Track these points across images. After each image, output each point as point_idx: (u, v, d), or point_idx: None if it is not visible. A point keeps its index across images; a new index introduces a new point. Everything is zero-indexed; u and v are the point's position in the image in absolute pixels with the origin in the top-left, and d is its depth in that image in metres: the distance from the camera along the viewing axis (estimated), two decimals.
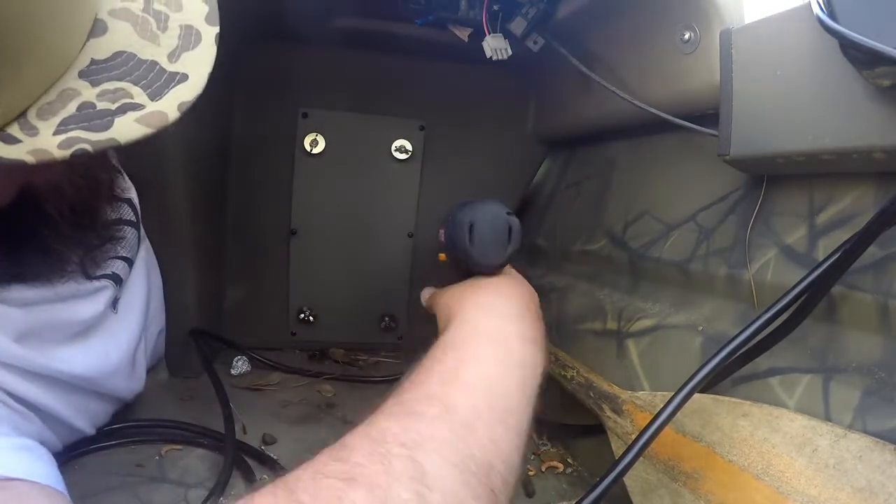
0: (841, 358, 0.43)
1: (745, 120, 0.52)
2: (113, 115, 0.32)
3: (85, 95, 0.32)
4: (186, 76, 0.35)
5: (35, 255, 0.47)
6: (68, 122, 0.31)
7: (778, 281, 0.49)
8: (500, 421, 0.37)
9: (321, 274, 1.04)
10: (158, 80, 0.34)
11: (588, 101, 0.85)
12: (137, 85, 0.33)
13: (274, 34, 0.91)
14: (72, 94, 0.32)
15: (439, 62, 0.99)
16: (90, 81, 0.32)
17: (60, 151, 0.30)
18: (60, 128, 0.31)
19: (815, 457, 0.39)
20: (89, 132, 0.31)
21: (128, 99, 0.33)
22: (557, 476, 0.69)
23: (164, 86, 0.34)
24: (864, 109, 0.40)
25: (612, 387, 0.63)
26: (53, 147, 0.30)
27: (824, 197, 0.49)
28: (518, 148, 1.08)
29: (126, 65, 0.34)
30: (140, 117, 0.33)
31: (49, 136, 0.31)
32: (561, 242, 0.92)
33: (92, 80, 0.32)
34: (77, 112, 0.32)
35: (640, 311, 0.67)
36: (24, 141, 0.30)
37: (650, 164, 0.78)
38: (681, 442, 0.50)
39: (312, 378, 0.94)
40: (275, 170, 1.00)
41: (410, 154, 1.03)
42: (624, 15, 0.70)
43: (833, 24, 0.38)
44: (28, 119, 0.31)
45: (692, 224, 0.64)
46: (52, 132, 0.31)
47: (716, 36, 0.55)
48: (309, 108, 0.98)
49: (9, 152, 0.30)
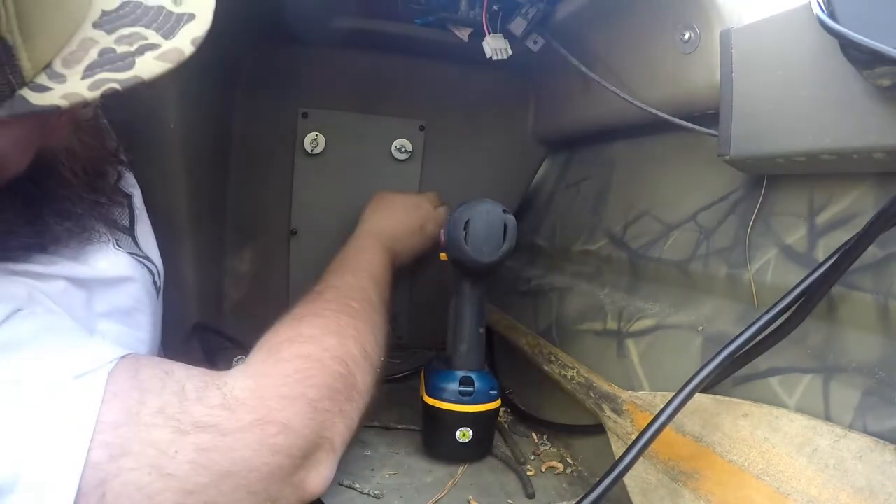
0: (841, 358, 0.43)
1: (745, 120, 0.52)
2: (133, 55, 0.35)
3: (103, 42, 0.35)
4: (193, 15, 0.38)
5: (56, 220, 0.49)
6: (93, 67, 0.34)
7: (778, 281, 0.49)
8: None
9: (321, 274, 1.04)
10: (168, 21, 0.37)
11: (588, 101, 0.85)
12: (150, 28, 0.36)
13: (274, 34, 0.91)
14: (91, 42, 0.34)
15: (439, 62, 0.99)
16: (105, 30, 0.35)
17: (91, 93, 0.33)
18: (87, 73, 0.33)
19: (815, 457, 0.39)
20: (115, 73, 0.34)
21: (144, 41, 0.35)
22: (557, 476, 0.69)
23: (175, 25, 0.37)
24: (864, 109, 0.40)
25: (612, 387, 0.63)
26: (84, 90, 0.33)
27: (824, 197, 0.49)
28: (518, 148, 1.08)
29: (135, 12, 0.36)
30: (159, 55, 0.35)
31: (78, 81, 0.33)
32: (561, 242, 0.92)
33: (107, 29, 0.35)
34: (99, 57, 0.34)
35: (641, 311, 0.67)
36: (55, 88, 0.32)
37: (650, 164, 0.78)
38: (681, 442, 0.50)
39: None
40: (275, 170, 1.00)
41: (410, 154, 1.03)
42: (624, 15, 0.70)
43: (833, 24, 0.38)
44: (54, 69, 0.33)
45: (692, 224, 0.64)
46: (79, 77, 0.33)
47: (716, 36, 0.55)
48: (309, 108, 0.98)
49: (42, 100, 0.32)
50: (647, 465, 0.53)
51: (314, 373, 0.50)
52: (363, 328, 0.61)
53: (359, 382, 0.55)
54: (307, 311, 0.60)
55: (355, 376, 0.55)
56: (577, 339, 0.76)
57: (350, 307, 0.62)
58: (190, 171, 0.81)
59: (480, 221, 0.65)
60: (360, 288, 0.69)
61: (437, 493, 0.63)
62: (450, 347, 0.71)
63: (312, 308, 0.61)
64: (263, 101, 0.96)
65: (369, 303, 0.67)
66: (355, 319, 0.61)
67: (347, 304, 0.63)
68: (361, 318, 0.62)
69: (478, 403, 0.67)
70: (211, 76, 0.86)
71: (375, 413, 0.73)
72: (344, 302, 0.63)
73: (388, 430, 0.78)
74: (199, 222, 0.87)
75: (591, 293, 0.79)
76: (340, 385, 0.52)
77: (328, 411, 0.50)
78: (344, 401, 0.52)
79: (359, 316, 0.62)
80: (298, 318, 0.59)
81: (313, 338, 0.54)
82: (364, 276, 0.72)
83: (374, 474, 0.66)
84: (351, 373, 0.54)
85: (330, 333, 0.56)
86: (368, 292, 0.69)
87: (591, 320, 0.74)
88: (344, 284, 0.69)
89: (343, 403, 0.52)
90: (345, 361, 0.54)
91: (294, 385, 0.48)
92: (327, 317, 0.59)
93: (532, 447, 0.76)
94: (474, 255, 0.65)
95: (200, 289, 0.90)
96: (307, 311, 0.60)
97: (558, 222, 0.96)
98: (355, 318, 0.61)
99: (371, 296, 0.69)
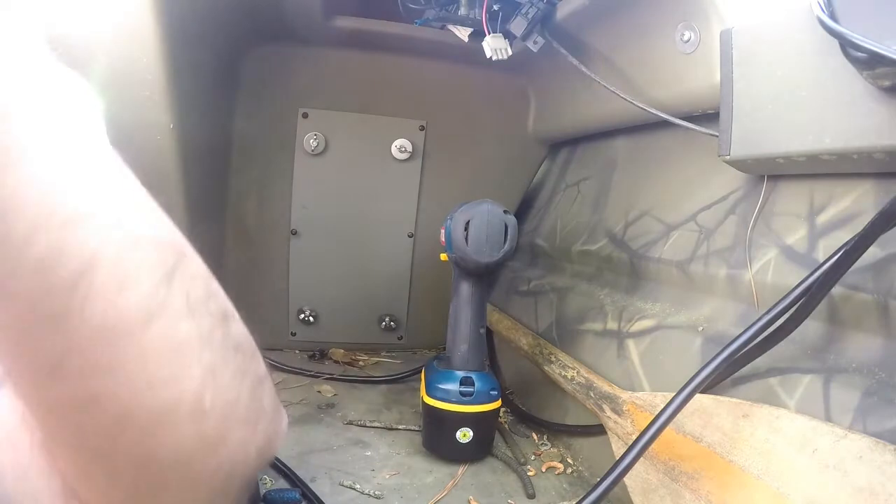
0: (841, 358, 0.43)
1: (745, 120, 0.51)
2: None
3: None
4: None
5: None
6: None
7: (778, 281, 0.49)
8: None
9: (321, 274, 1.04)
10: None
11: (588, 100, 0.85)
12: None
13: (274, 34, 0.91)
14: None
15: (439, 62, 0.99)
16: None
17: None
18: None
19: (815, 457, 0.39)
20: None
21: None
22: (557, 476, 0.69)
23: None
24: (864, 109, 0.40)
25: (612, 387, 0.63)
26: None
27: (824, 197, 0.49)
28: (518, 148, 1.08)
29: None
30: None
31: None
32: (561, 242, 0.92)
33: None
34: None
35: (641, 312, 0.67)
36: None
37: (650, 164, 0.78)
38: (681, 442, 0.50)
39: (312, 378, 0.94)
40: (275, 170, 1.00)
41: (411, 154, 1.03)
42: (624, 15, 0.70)
43: (833, 24, 0.38)
44: None
45: (692, 224, 0.64)
46: None
47: (716, 36, 0.55)
48: (309, 108, 0.98)
49: None
50: (648, 465, 0.53)
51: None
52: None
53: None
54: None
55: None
56: (577, 339, 0.76)
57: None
58: (189, 172, 0.81)
59: (481, 222, 0.65)
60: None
61: (437, 493, 0.63)
62: (450, 347, 0.71)
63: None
64: (263, 101, 0.96)
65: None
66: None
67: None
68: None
69: (478, 404, 0.67)
70: (210, 76, 0.86)
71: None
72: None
73: (388, 431, 0.78)
74: (199, 222, 0.87)
75: (591, 293, 0.79)
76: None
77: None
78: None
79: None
80: None
81: None
82: None
83: (374, 475, 0.66)
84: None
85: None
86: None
87: (591, 320, 0.74)
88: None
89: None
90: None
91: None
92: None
93: (532, 447, 0.76)
94: (475, 255, 0.65)
95: None
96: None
97: (558, 222, 0.96)
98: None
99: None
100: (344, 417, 0.80)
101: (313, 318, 1.05)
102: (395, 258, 1.07)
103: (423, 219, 1.06)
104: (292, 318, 1.05)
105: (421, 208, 1.06)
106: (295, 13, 0.84)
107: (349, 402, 0.86)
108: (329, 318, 1.06)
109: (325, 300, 1.05)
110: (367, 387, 0.94)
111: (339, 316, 1.06)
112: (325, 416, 0.81)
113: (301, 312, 1.04)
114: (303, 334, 1.06)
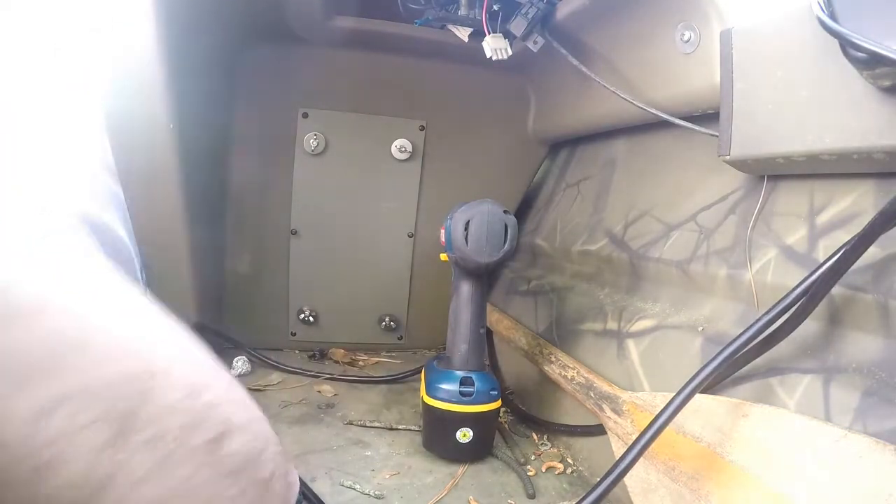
0: (841, 358, 0.43)
1: (745, 120, 0.51)
2: None
3: None
4: None
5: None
6: None
7: (778, 281, 0.49)
8: None
9: (321, 274, 1.04)
10: None
11: (588, 101, 0.85)
12: None
13: (274, 34, 0.91)
14: None
15: (439, 62, 0.99)
16: None
17: None
18: None
19: (815, 457, 0.39)
20: None
21: None
22: (557, 476, 0.69)
23: None
24: (864, 109, 0.40)
25: (612, 387, 0.63)
26: None
27: (824, 197, 0.49)
28: (518, 148, 1.08)
29: None
30: None
31: None
32: (561, 242, 0.92)
33: None
34: None
35: (641, 312, 0.67)
36: None
37: (650, 164, 0.78)
38: (681, 442, 0.50)
39: (312, 378, 0.94)
40: (275, 170, 1.00)
41: (411, 154, 1.03)
42: (624, 15, 0.70)
43: (833, 24, 0.38)
44: None
45: (692, 224, 0.64)
46: None
47: (716, 36, 0.55)
48: (309, 108, 0.98)
49: None
50: (648, 465, 0.53)
51: None
52: None
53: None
54: None
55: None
56: (577, 339, 0.76)
57: None
58: (189, 172, 0.81)
59: (481, 222, 0.65)
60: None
61: (437, 493, 0.63)
62: (450, 347, 0.71)
63: None
64: (263, 101, 0.96)
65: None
66: None
67: None
68: None
69: (478, 404, 0.67)
70: (210, 76, 0.86)
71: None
72: None
73: (388, 431, 0.78)
74: (199, 223, 0.87)
75: (591, 293, 0.79)
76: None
77: None
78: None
79: None
80: None
81: None
82: None
83: (374, 475, 0.66)
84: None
85: None
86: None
87: (591, 320, 0.74)
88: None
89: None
90: None
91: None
92: None
93: (532, 447, 0.76)
94: (475, 255, 0.65)
95: (200, 289, 0.90)
96: None
97: (558, 222, 0.96)
98: None
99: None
100: (344, 417, 0.80)
101: (313, 318, 1.05)
102: (395, 258, 1.07)
103: (423, 219, 1.06)
104: (292, 318, 1.05)
105: (421, 208, 1.06)
106: (295, 13, 0.84)
107: (349, 402, 0.86)
108: (329, 318, 1.06)
109: (325, 300, 1.05)
110: (367, 387, 0.94)
111: (339, 316, 1.06)
112: (325, 416, 0.81)
113: (301, 312, 1.04)
114: (303, 334, 1.06)
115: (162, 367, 0.21)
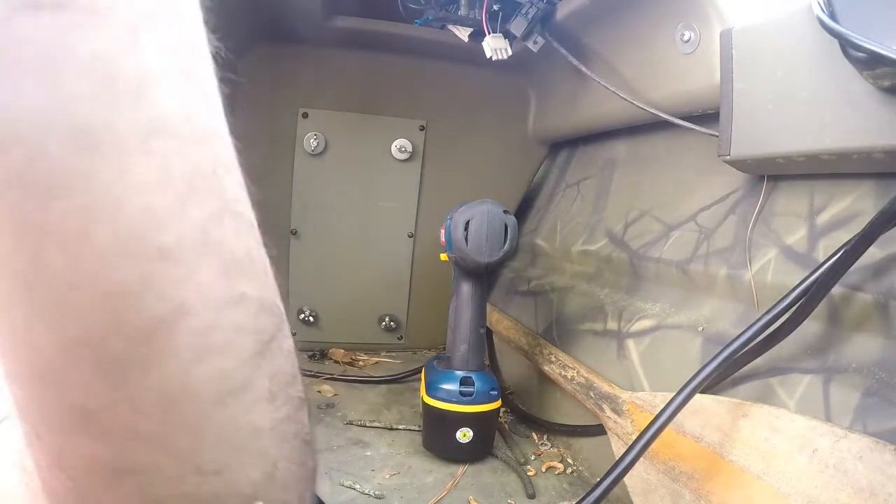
0: (841, 358, 0.43)
1: (745, 120, 0.51)
2: None
3: None
4: None
5: None
6: None
7: (778, 281, 0.49)
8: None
9: (321, 274, 1.04)
10: None
11: (588, 101, 0.85)
12: None
13: (274, 34, 0.91)
14: None
15: (439, 62, 0.99)
16: None
17: None
18: None
19: (815, 457, 0.39)
20: None
21: None
22: (557, 476, 0.69)
23: None
24: (864, 109, 0.40)
25: (612, 387, 0.63)
26: None
27: (824, 197, 0.49)
28: (518, 148, 1.08)
29: None
30: None
31: None
32: (561, 242, 0.92)
33: None
34: None
35: (641, 312, 0.67)
36: None
37: (650, 164, 0.78)
38: (681, 442, 0.50)
39: (312, 378, 0.94)
40: (275, 170, 1.00)
41: (411, 154, 1.03)
42: (624, 15, 0.70)
43: (833, 24, 0.38)
44: None
45: (692, 224, 0.64)
46: None
47: (716, 36, 0.55)
48: (309, 108, 0.98)
49: None
50: (648, 465, 0.53)
51: None
52: None
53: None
54: None
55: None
56: (577, 339, 0.76)
57: None
58: None
59: (481, 222, 0.65)
60: None
61: (437, 493, 0.63)
62: (450, 347, 0.71)
63: None
64: (263, 101, 0.96)
65: None
66: None
67: None
68: None
69: (478, 404, 0.67)
70: None
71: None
72: None
73: (388, 431, 0.78)
74: None
75: (591, 293, 0.79)
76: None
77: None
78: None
79: None
80: None
81: None
82: None
83: (374, 475, 0.66)
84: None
85: None
86: None
87: (591, 320, 0.74)
88: None
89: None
90: None
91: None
92: None
93: (532, 447, 0.76)
94: (475, 255, 0.65)
95: None
96: None
97: (558, 222, 0.96)
98: None
99: None
100: (344, 417, 0.80)
101: (313, 318, 1.05)
102: (395, 258, 1.07)
103: (423, 219, 1.06)
104: (292, 319, 1.05)
105: (421, 208, 1.06)
106: (295, 13, 0.84)
107: (349, 402, 0.86)
108: (329, 318, 1.06)
109: (325, 300, 1.05)
110: (367, 387, 0.94)
111: (339, 316, 1.06)
112: (325, 416, 0.81)
113: (301, 312, 1.04)
114: (303, 334, 1.06)
115: (284, 319, 0.22)
